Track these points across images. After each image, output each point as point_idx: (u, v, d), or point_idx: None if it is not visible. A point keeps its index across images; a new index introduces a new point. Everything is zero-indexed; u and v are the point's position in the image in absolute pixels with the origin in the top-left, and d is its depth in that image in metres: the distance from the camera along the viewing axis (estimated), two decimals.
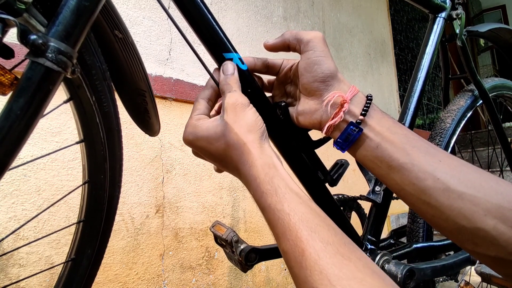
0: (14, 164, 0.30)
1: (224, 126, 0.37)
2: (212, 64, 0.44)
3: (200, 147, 0.39)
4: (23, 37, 0.27)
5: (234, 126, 0.37)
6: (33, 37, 0.27)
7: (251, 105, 0.39)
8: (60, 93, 0.42)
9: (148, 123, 0.54)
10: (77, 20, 0.30)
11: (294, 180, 0.36)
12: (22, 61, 0.33)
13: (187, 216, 1.20)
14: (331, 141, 0.51)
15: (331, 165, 0.56)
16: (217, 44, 0.42)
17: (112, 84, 0.48)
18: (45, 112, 0.31)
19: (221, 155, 0.38)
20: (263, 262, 1.42)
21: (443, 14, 0.78)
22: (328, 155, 0.63)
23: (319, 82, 0.41)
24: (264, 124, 0.39)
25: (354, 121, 0.39)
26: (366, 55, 2.46)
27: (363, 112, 0.39)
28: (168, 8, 1.23)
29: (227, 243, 0.55)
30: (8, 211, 0.84)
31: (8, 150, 0.28)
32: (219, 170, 0.47)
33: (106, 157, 0.50)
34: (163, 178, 1.16)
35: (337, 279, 0.25)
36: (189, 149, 1.36)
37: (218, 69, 0.43)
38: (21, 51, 0.45)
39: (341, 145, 0.41)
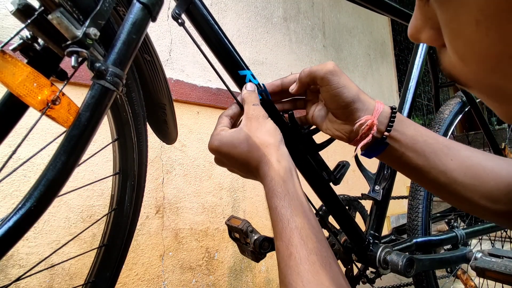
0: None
1: (247, 132, 0.42)
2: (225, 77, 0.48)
3: (225, 152, 0.43)
4: (91, 65, 0.34)
5: (257, 132, 0.42)
6: (98, 64, 0.34)
7: (269, 118, 0.45)
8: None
9: (166, 132, 0.61)
10: (127, 49, 0.37)
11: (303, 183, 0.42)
12: (67, 81, 0.35)
13: (187, 216, 1.20)
14: (331, 142, 0.54)
15: (331, 164, 0.58)
16: (233, 63, 0.48)
17: (146, 125, 0.56)
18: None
19: (243, 158, 0.43)
20: (263, 263, 1.42)
21: None
22: (328, 155, 0.64)
23: (342, 109, 0.44)
24: (281, 133, 0.44)
25: (380, 137, 0.44)
26: (366, 56, 2.47)
27: (388, 129, 0.43)
28: (168, 9, 1.23)
29: (243, 233, 0.59)
30: (8, 211, 0.84)
31: (78, 152, 0.35)
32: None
33: (134, 187, 0.57)
34: (163, 178, 1.16)
35: (308, 282, 0.33)
36: (189, 150, 1.36)
37: (239, 90, 0.50)
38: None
39: (368, 155, 0.46)
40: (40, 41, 0.38)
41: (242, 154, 0.42)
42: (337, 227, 0.66)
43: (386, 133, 0.43)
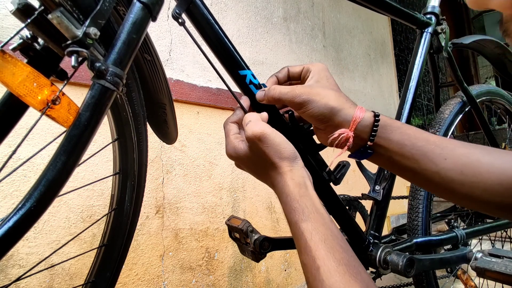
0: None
1: (261, 151, 0.42)
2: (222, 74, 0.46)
3: (242, 164, 0.46)
4: (92, 64, 0.34)
5: (265, 153, 0.42)
6: (98, 64, 0.34)
7: (275, 131, 0.42)
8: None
9: (166, 132, 0.61)
10: (127, 49, 0.37)
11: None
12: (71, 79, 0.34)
13: (187, 216, 1.20)
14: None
15: (330, 164, 0.58)
16: (233, 63, 0.48)
17: (146, 125, 0.56)
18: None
19: (261, 173, 0.44)
20: (263, 263, 1.42)
21: (429, 29, 0.85)
22: (328, 155, 0.64)
23: (319, 123, 0.45)
24: (293, 147, 0.43)
25: (364, 146, 0.44)
26: (366, 56, 2.47)
27: (371, 138, 0.43)
28: (169, 9, 1.23)
29: (243, 233, 0.59)
30: (8, 211, 0.84)
31: (79, 152, 0.35)
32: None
33: (134, 187, 0.57)
34: (163, 178, 1.16)
35: None
36: (189, 150, 1.36)
37: (241, 92, 0.50)
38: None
39: (358, 158, 0.47)
40: (40, 40, 0.38)
41: (258, 169, 0.44)
42: (338, 227, 0.66)
43: (369, 143, 0.43)
